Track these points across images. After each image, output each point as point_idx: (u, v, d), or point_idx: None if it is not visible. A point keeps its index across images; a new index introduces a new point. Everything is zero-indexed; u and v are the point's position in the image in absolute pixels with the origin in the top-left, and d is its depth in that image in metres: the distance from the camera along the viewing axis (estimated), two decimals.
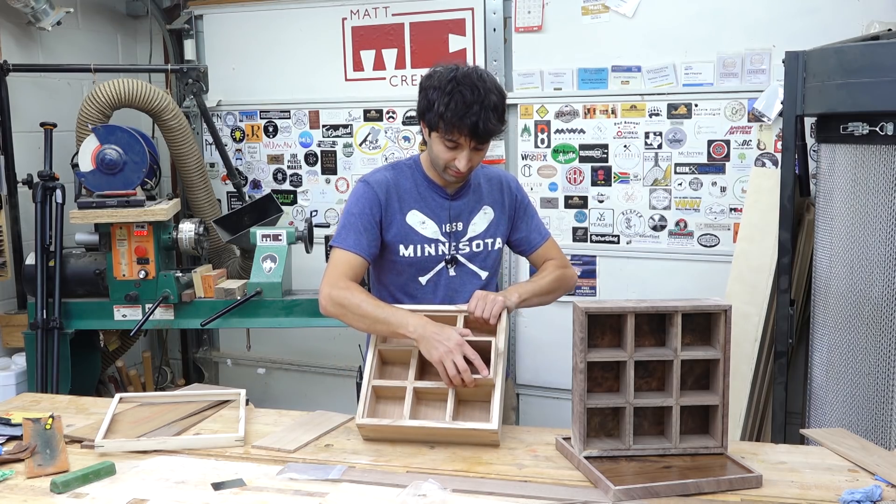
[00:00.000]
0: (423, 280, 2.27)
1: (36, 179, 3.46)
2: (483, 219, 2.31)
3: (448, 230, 2.27)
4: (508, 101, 3.57)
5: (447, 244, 2.27)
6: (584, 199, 3.63)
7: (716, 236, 3.44)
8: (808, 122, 2.98)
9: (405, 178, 2.28)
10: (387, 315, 2.07)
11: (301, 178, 4.15)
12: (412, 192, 2.26)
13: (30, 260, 3.42)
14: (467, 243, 2.29)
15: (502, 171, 2.45)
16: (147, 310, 3.39)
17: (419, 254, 2.25)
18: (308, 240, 3.47)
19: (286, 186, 4.18)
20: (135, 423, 2.12)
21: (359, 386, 2.19)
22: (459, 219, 2.28)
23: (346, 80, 3.97)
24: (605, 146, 3.56)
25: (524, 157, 3.70)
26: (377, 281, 2.37)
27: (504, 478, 1.78)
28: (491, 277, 2.34)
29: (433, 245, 2.26)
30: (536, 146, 3.67)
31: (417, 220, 2.25)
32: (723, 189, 3.39)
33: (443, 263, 2.27)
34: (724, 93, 3.33)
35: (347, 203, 2.27)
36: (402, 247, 2.24)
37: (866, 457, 1.84)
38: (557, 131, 3.63)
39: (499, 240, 2.32)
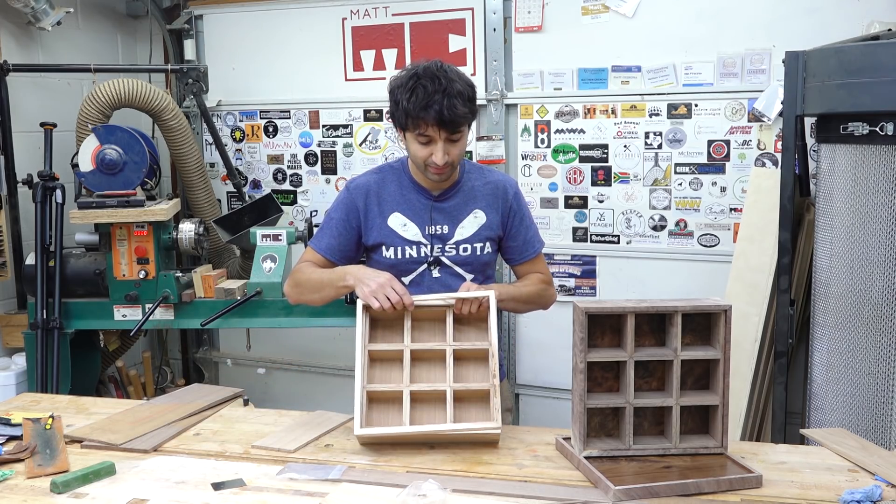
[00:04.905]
0: (406, 281, 2.27)
1: (36, 179, 3.46)
2: (472, 223, 2.28)
3: (431, 232, 2.27)
4: (508, 101, 3.67)
5: (430, 246, 2.26)
6: (584, 199, 3.63)
7: (716, 236, 3.44)
8: (808, 122, 2.98)
9: (390, 181, 2.30)
10: (329, 275, 2.20)
11: (301, 178, 4.15)
12: (396, 195, 2.28)
13: (30, 260, 3.42)
14: (454, 246, 2.27)
15: (505, 176, 2.40)
16: (147, 310, 3.39)
17: (400, 256, 2.26)
18: (308, 240, 3.47)
19: (286, 186, 4.18)
20: (135, 423, 2.12)
21: None
22: (445, 221, 2.27)
23: (346, 80, 3.97)
24: (605, 146, 3.56)
25: (524, 157, 3.70)
26: None
27: (504, 478, 1.78)
28: (481, 280, 2.30)
29: (415, 247, 2.26)
30: (536, 146, 3.67)
31: (399, 222, 2.27)
32: (723, 189, 3.39)
33: (425, 266, 2.27)
34: (724, 93, 3.33)
35: (331, 205, 2.36)
36: (384, 248, 2.27)
37: (866, 457, 1.84)
38: (557, 131, 3.63)
39: (489, 244, 2.29)
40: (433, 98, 2.06)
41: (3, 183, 3.52)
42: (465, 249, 2.27)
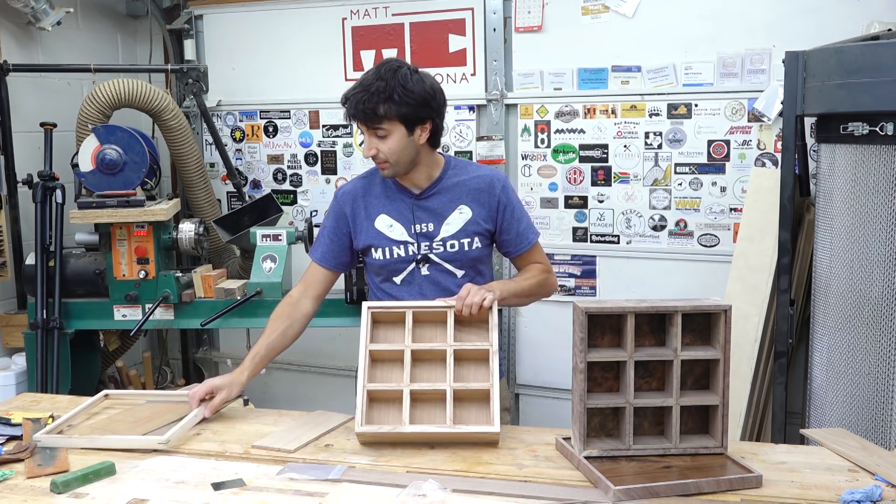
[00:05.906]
0: (397, 280, 2.33)
1: (36, 179, 3.46)
2: (458, 219, 2.30)
3: (417, 231, 2.29)
4: (508, 101, 3.66)
5: (416, 244, 2.29)
6: (584, 199, 3.63)
7: (716, 236, 3.44)
8: (808, 122, 2.98)
9: (377, 184, 2.35)
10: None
11: (301, 178, 4.15)
12: (381, 197, 2.33)
13: (30, 260, 3.42)
14: (441, 243, 2.29)
15: (494, 171, 2.40)
16: (147, 310, 3.38)
17: (389, 256, 2.30)
18: (308, 240, 3.47)
19: (286, 186, 4.18)
20: (134, 423, 2.12)
21: None
22: (429, 219, 2.29)
23: (347, 80, 3.96)
24: (605, 146, 3.56)
25: (524, 157, 3.70)
26: (370, 280, 2.44)
27: (504, 478, 1.78)
28: (472, 276, 2.31)
29: (402, 247, 2.30)
30: (536, 146, 3.67)
31: (385, 223, 2.31)
32: (723, 189, 3.39)
33: (413, 264, 2.30)
34: (724, 93, 3.32)
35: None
36: (373, 250, 2.32)
37: (866, 457, 1.84)
38: (557, 131, 3.63)
39: (477, 239, 2.30)
40: (354, 90, 2.18)
41: (3, 183, 3.52)
42: (452, 246, 2.30)
